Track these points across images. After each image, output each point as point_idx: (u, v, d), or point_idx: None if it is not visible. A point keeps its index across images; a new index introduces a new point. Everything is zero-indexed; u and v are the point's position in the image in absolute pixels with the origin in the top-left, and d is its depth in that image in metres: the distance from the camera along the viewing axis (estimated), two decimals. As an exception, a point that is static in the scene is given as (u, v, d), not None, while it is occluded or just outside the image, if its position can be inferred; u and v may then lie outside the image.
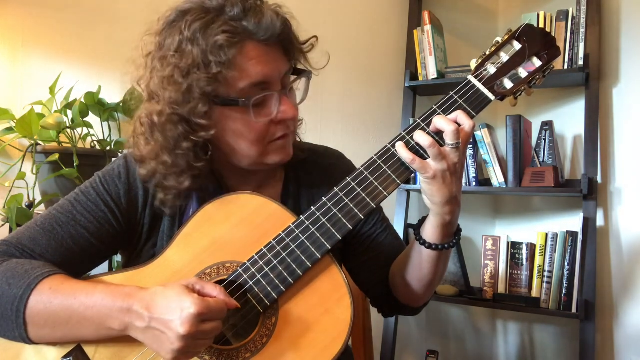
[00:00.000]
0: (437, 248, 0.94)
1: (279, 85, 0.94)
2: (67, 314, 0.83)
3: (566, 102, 2.23)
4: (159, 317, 0.79)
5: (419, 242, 0.96)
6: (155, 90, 0.91)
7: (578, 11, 2.02)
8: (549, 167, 2.01)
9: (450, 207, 0.90)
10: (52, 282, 0.85)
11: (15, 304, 0.83)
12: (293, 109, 0.95)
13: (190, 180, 0.94)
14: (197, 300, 0.78)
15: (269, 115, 0.93)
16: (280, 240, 0.90)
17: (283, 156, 0.98)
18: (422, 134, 0.89)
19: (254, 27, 0.89)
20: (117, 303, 0.82)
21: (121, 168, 0.99)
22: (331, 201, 0.90)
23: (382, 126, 2.33)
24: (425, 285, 1.01)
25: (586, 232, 1.94)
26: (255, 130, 0.93)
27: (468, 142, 0.90)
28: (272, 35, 0.90)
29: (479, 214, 2.44)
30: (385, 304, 1.10)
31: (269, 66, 0.91)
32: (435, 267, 0.97)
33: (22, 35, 1.71)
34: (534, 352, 2.30)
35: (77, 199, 0.96)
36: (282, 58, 0.94)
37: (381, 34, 2.36)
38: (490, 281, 2.14)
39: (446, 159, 0.87)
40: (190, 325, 0.77)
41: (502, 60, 0.94)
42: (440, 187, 0.88)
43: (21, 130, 1.50)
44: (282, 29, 0.91)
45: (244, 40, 0.89)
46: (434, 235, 0.94)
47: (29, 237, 0.92)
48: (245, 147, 0.95)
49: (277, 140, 0.96)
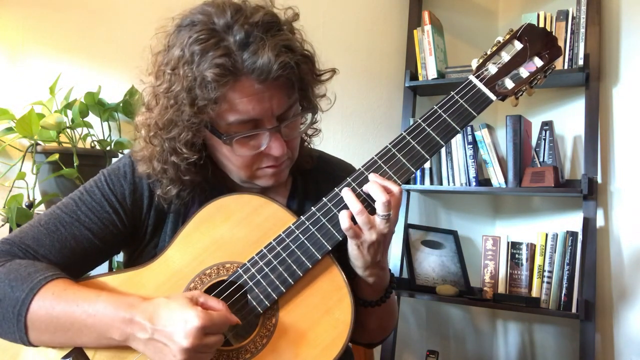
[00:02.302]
0: (368, 305, 0.97)
1: (272, 122, 0.89)
2: (68, 321, 0.83)
3: (566, 102, 2.23)
4: (162, 329, 0.79)
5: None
6: (149, 101, 0.92)
7: (578, 11, 2.02)
8: (549, 167, 2.01)
9: (371, 271, 0.91)
10: (54, 287, 0.84)
11: (17, 308, 0.83)
12: (281, 148, 0.90)
13: (178, 189, 0.95)
14: (200, 313, 0.78)
15: (257, 149, 0.91)
16: (281, 240, 0.90)
17: (274, 181, 0.96)
18: (352, 198, 0.87)
19: (250, 64, 0.83)
20: (119, 313, 0.81)
21: (127, 167, 0.99)
22: (331, 202, 0.90)
23: (382, 126, 2.33)
24: (369, 332, 1.04)
25: (586, 232, 1.94)
26: (240, 159, 0.92)
27: (399, 210, 0.88)
28: (266, 78, 0.84)
29: (479, 214, 2.44)
30: None
31: (260, 105, 0.86)
32: (374, 319, 1.00)
33: (22, 35, 1.71)
34: (534, 352, 2.30)
35: (82, 199, 0.95)
36: (281, 95, 0.88)
37: (381, 34, 2.35)
38: (490, 281, 2.14)
39: (375, 229, 0.86)
40: (194, 338, 0.77)
41: (503, 60, 0.94)
42: (364, 254, 0.88)
43: (21, 130, 1.50)
44: (278, 72, 0.83)
45: (238, 76, 0.84)
46: (362, 292, 0.96)
47: (33, 237, 0.91)
48: (234, 170, 0.95)
49: (266, 168, 0.94)
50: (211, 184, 1.00)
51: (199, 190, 0.99)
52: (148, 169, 0.95)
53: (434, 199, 2.45)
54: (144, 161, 0.95)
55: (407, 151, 0.91)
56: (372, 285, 0.94)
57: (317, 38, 1.01)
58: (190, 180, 0.95)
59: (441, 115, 0.92)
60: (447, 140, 0.92)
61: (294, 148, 0.97)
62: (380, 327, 1.05)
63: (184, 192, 0.97)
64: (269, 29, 0.86)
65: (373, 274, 0.92)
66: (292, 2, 1.00)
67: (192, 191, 0.98)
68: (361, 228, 0.87)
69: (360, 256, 0.89)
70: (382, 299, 0.98)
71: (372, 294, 0.97)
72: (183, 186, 0.96)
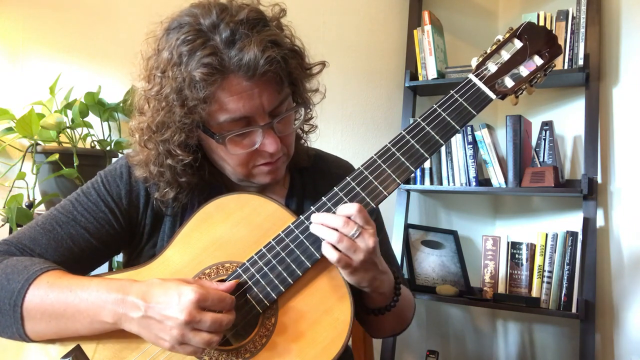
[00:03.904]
0: (384, 312, 0.97)
1: (264, 118, 0.89)
2: (62, 306, 0.83)
3: (566, 102, 2.23)
4: (155, 305, 0.78)
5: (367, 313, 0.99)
6: (141, 104, 0.92)
7: (578, 11, 2.02)
8: (549, 167, 2.01)
9: (375, 283, 0.91)
10: (49, 276, 0.85)
11: (12, 298, 0.83)
12: (276, 144, 0.90)
13: (175, 192, 0.95)
14: (195, 287, 0.78)
15: (251, 147, 0.91)
16: (280, 240, 0.90)
17: (271, 178, 0.96)
18: (323, 229, 0.86)
19: (236, 61, 0.83)
20: (111, 294, 0.81)
21: (123, 168, 0.99)
22: (330, 201, 0.90)
23: (382, 126, 2.33)
24: (388, 332, 1.08)
25: (586, 232, 1.94)
26: (235, 158, 0.92)
27: (368, 219, 0.86)
28: (253, 74, 0.84)
29: (479, 214, 2.44)
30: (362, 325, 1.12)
31: (250, 102, 0.87)
32: (390, 321, 1.02)
33: (22, 35, 1.71)
34: (534, 352, 2.30)
35: (78, 199, 0.96)
36: (270, 90, 0.88)
37: (381, 34, 2.35)
38: (490, 281, 2.14)
39: (359, 249, 0.85)
40: (190, 311, 0.76)
41: (503, 59, 0.94)
42: (362, 275, 0.88)
43: (21, 130, 1.50)
44: (265, 68, 0.84)
45: (226, 74, 0.85)
46: (373, 303, 0.96)
47: (29, 237, 0.92)
48: (229, 169, 0.96)
49: (262, 166, 0.94)
50: (209, 183, 1.00)
51: (197, 192, 0.99)
52: (145, 172, 0.95)
53: (434, 199, 2.45)
54: (140, 165, 0.96)
55: (407, 150, 0.91)
56: (379, 294, 0.94)
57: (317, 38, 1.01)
58: (187, 182, 0.96)
59: (441, 114, 0.92)
60: (447, 139, 0.91)
61: (289, 144, 0.97)
62: (400, 322, 1.07)
63: (181, 195, 0.97)
64: (255, 26, 0.86)
65: (378, 285, 0.91)
66: (293, 2, 1.00)
67: (190, 193, 0.98)
68: (347, 255, 0.85)
69: (359, 279, 0.88)
70: (395, 299, 0.97)
71: (384, 300, 0.96)
72: (180, 189, 0.96)
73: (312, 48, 1.03)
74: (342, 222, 0.84)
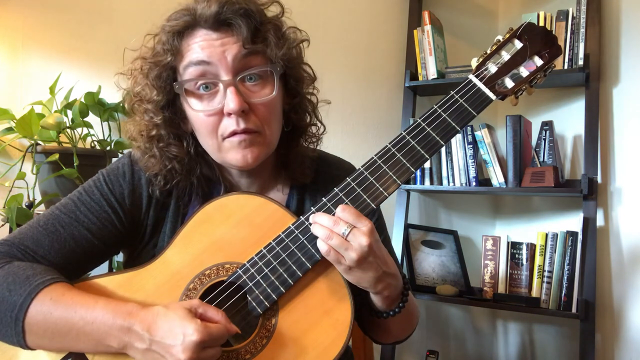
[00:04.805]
0: (387, 316, 0.96)
1: (228, 73, 0.89)
2: (66, 327, 0.82)
3: (566, 102, 2.23)
4: (160, 340, 0.78)
5: (370, 314, 0.98)
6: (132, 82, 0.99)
7: (578, 11, 2.02)
8: (549, 167, 2.01)
9: (382, 285, 0.89)
10: (53, 291, 0.83)
11: (14, 312, 0.82)
12: (237, 101, 0.87)
13: (164, 182, 0.97)
14: (199, 327, 0.78)
15: (213, 103, 0.91)
16: (280, 241, 0.90)
17: (240, 157, 0.92)
18: (317, 227, 0.86)
19: (201, 14, 0.89)
20: (117, 321, 0.81)
21: (126, 167, 0.99)
22: (331, 201, 0.90)
23: (382, 126, 2.33)
24: (391, 338, 1.06)
25: (586, 232, 1.94)
26: (203, 122, 0.92)
27: (360, 217, 0.85)
28: (207, 20, 0.89)
29: (479, 214, 2.44)
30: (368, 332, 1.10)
31: (211, 49, 0.89)
32: (394, 327, 1.01)
33: (22, 35, 1.71)
34: (534, 352, 2.30)
35: (81, 199, 0.95)
36: (234, 43, 0.89)
37: (381, 34, 2.35)
38: (490, 281, 2.14)
39: (351, 247, 0.83)
40: (192, 353, 0.77)
41: (503, 59, 0.94)
42: (362, 275, 0.86)
43: (21, 130, 1.50)
44: (217, 10, 0.88)
45: (194, 27, 0.91)
46: (381, 307, 0.95)
47: (31, 238, 0.91)
48: (204, 141, 0.96)
49: (231, 137, 0.91)
50: (208, 183, 1.00)
51: (199, 190, 0.99)
52: (138, 151, 0.98)
53: (434, 199, 2.45)
54: (133, 141, 0.99)
55: (407, 151, 0.91)
56: (387, 297, 0.92)
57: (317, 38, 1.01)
58: (178, 159, 0.96)
59: (441, 115, 0.92)
60: (447, 139, 0.91)
61: (264, 118, 0.93)
62: (404, 329, 1.05)
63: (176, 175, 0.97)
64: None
65: (385, 287, 0.90)
66: (293, 3, 1.00)
67: (189, 188, 0.98)
68: (338, 252, 0.84)
69: (357, 279, 0.87)
70: (402, 304, 0.95)
71: (391, 304, 0.94)
72: (174, 171, 0.96)
73: (312, 48, 1.03)
74: (333, 221, 0.85)
